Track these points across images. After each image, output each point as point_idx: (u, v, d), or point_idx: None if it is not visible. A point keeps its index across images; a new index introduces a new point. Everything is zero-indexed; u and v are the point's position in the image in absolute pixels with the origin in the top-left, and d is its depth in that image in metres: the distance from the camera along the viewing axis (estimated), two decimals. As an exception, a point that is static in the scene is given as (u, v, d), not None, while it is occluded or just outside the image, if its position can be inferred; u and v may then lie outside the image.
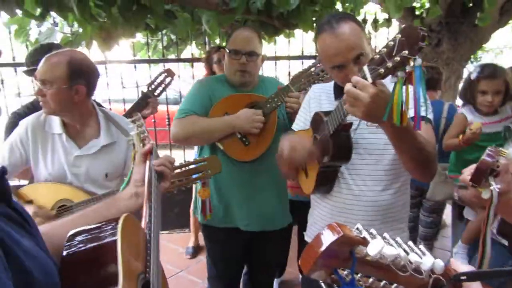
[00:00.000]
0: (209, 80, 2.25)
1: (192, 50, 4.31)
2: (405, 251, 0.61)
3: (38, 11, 2.57)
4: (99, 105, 2.38)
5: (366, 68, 1.16)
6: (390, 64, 1.09)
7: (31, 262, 0.65)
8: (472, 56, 5.91)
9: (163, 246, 4.00)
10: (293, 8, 2.49)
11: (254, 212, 2.17)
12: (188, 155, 3.98)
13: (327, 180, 1.59)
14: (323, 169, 1.53)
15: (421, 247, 0.66)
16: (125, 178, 1.90)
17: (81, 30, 2.96)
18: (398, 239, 0.64)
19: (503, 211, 1.18)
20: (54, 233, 1.00)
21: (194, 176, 1.65)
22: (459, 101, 3.14)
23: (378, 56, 1.13)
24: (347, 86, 1.20)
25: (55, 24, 3.14)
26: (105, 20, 2.88)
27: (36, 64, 1.86)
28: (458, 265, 0.71)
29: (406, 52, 1.04)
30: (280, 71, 4.32)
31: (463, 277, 0.67)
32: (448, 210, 3.49)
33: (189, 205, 3.78)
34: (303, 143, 1.48)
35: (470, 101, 2.74)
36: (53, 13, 2.71)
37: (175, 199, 3.98)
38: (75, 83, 1.80)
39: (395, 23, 4.17)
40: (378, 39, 3.95)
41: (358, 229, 0.61)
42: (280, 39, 3.94)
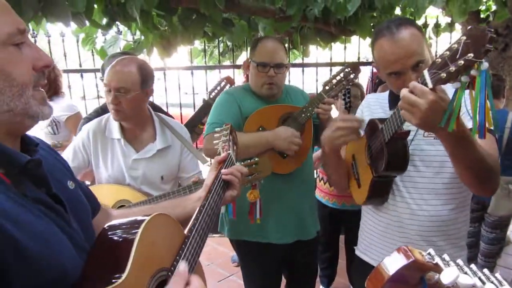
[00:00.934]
0: (237, 90, 2.20)
1: (247, 56, 4.36)
2: (481, 280, 0.58)
3: (104, 21, 2.72)
4: (160, 110, 2.48)
5: (427, 73, 1.11)
6: (453, 68, 1.02)
7: (35, 246, 0.72)
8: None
9: (214, 249, 4.06)
10: (351, 15, 2.45)
11: (288, 224, 2.13)
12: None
13: (381, 191, 1.53)
14: (377, 179, 1.48)
15: (498, 276, 0.62)
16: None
17: (143, 38, 3.09)
18: (473, 267, 0.60)
19: None
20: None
21: (246, 179, 1.62)
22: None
23: (440, 60, 1.07)
24: (403, 91, 1.15)
25: (119, 33, 3.29)
26: (166, 29, 2.98)
27: None
28: None
29: (472, 55, 0.98)
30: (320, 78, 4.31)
31: None
32: (513, 226, 3.28)
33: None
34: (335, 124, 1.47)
35: None
36: (117, 22, 2.85)
37: (227, 203, 4.03)
38: (146, 87, 1.91)
39: (458, 27, 3.99)
40: (440, 45, 3.80)
41: (430, 254, 0.58)
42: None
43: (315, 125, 2.14)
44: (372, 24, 2.91)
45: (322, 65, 4.12)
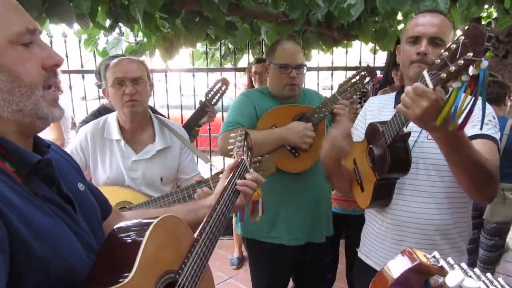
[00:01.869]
0: (253, 93, 2.24)
1: (249, 59, 4.38)
2: (485, 284, 0.59)
3: (108, 23, 2.73)
4: (155, 112, 2.50)
5: (426, 74, 1.12)
6: (453, 68, 1.03)
7: (43, 244, 0.73)
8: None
9: (213, 252, 4.05)
10: (354, 20, 2.45)
11: (299, 226, 2.14)
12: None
13: (384, 194, 1.54)
14: (380, 182, 1.49)
15: (500, 280, 0.63)
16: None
17: (146, 40, 3.09)
18: (477, 270, 0.61)
19: None
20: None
21: None
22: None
23: (439, 61, 1.08)
24: (407, 88, 1.17)
25: (121, 34, 3.30)
26: (168, 31, 2.99)
27: None
28: None
29: (471, 55, 0.99)
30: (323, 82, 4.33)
31: None
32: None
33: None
34: (337, 131, 1.48)
35: None
36: (120, 24, 2.85)
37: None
38: (150, 80, 2.01)
39: (458, 33, 4.00)
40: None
41: (435, 257, 0.58)
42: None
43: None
44: (374, 30, 2.92)
45: (324, 69, 4.14)
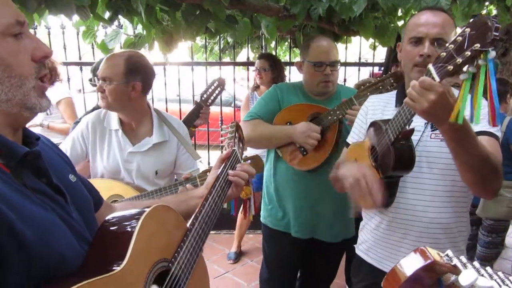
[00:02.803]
0: (284, 86, 2.28)
1: (248, 54, 4.36)
2: (497, 283, 0.59)
3: (107, 15, 2.70)
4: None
5: (432, 67, 1.12)
6: (460, 60, 1.04)
7: (31, 230, 0.73)
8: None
9: (210, 246, 4.06)
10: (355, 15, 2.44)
11: (304, 220, 2.18)
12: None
13: (389, 191, 1.52)
14: (384, 180, 1.48)
15: None
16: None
17: (145, 33, 3.06)
18: (489, 269, 0.61)
19: None
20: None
21: None
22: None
23: (445, 54, 1.09)
24: (413, 82, 1.17)
25: (120, 26, 3.27)
26: (168, 24, 2.97)
27: None
28: None
29: (478, 46, 1.00)
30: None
31: None
32: (510, 231, 3.30)
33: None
34: (368, 178, 1.37)
35: None
36: (119, 16, 2.82)
37: (224, 200, 4.04)
38: (132, 80, 1.92)
39: (459, 31, 4.00)
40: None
41: (448, 256, 0.59)
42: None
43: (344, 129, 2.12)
44: (375, 25, 2.91)
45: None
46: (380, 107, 1.67)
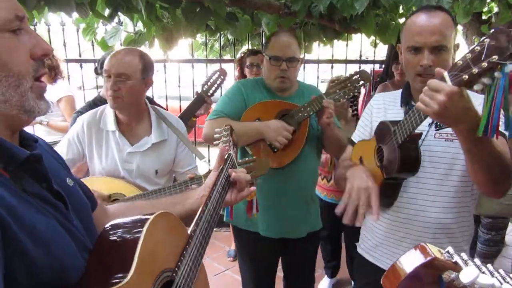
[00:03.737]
0: (247, 82, 2.23)
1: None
2: (498, 280, 0.58)
3: (107, 12, 2.70)
4: (152, 103, 2.48)
5: (447, 74, 1.11)
6: (476, 70, 1.02)
7: (33, 241, 0.69)
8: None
9: (210, 243, 4.04)
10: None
11: (274, 220, 2.14)
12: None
13: (391, 193, 1.53)
14: (387, 181, 1.48)
15: (512, 276, 0.62)
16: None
17: (145, 30, 3.06)
18: (490, 266, 0.60)
19: None
20: (122, 215, 1.07)
21: None
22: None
23: (461, 62, 1.07)
24: (425, 87, 1.15)
25: (120, 23, 3.26)
26: (168, 21, 2.96)
27: None
28: None
29: (496, 58, 0.98)
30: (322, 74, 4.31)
31: None
32: (510, 229, 3.30)
33: (238, 204, 3.82)
34: (373, 195, 1.36)
35: None
36: (119, 13, 2.82)
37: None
38: (146, 76, 1.93)
39: (459, 28, 3.99)
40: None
41: (449, 253, 0.58)
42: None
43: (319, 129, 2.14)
44: (376, 23, 2.90)
45: (323, 62, 4.13)
46: (384, 106, 1.66)
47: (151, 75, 1.99)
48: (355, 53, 4.28)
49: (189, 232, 0.99)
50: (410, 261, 0.59)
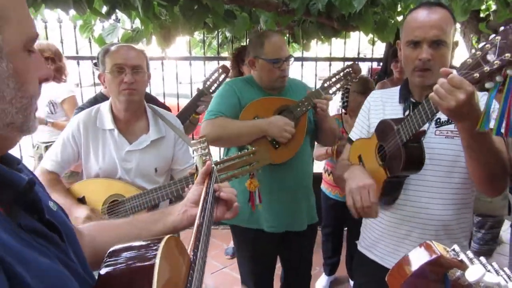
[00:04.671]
0: (238, 82, 2.24)
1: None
2: (504, 279, 0.58)
3: (105, 9, 2.68)
4: (152, 99, 2.47)
5: (456, 73, 1.11)
6: (488, 68, 1.02)
7: (39, 282, 0.60)
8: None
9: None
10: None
11: (279, 214, 2.18)
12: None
13: (393, 190, 1.53)
14: (390, 179, 1.47)
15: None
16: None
17: (143, 27, 3.05)
18: (495, 264, 0.60)
19: None
20: (98, 236, 1.03)
21: (244, 169, 1.64)
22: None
23: (471, 60, 1.07)
24: (441, 79, 1.14)
25: (117, 21, 3.24)
26: (166, 18, 2.95)
27: None
28: None
29: (509, 55, 0.98)
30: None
31: None
32: (506, 227, 3.31)
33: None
34: (371, 193, 1.38)
35: None
36: (116, 11, 2.81)
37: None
38: (148, 70, 1.97)
39: (457, 26, 3.99)
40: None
41: (455, 251, 0.58)
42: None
43: (314, 121, 2.19)
44: (374, 21, 2.90)
45: (321, 60, 4.13)
46: (381, 103, 1.65)
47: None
48: (353, 51, 4.29)
49: (191, 256, 0.88)
50: (416, 259, 0.58)
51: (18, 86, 0.66)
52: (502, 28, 1.02)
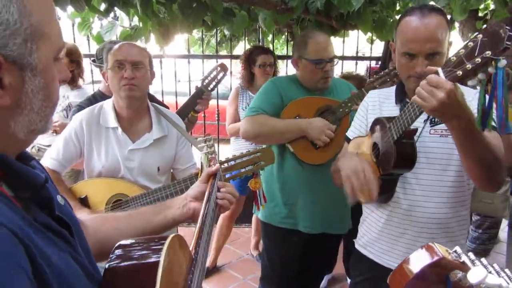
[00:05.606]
0: (282, 80, 2.27)
1: (245, 47, 4.33)
2: (506, 281, 0.58)
3: (103, 7, 2.67)
4: (153, 99, 2.46)
5: (441, 71, 1.12)
6: (470, 66, 1.04)
7: (54, 276, 0.62)
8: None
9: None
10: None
11: (316, 215, 2.17)
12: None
13: (387, 189, 1.53)
14: (383, 177, 1.48)
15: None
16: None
17: (141, 25, 3.03)
18: (496, 266, 0.61)
19: None
20: (101, 227, 1.05)
21: (248, 168, 1.65)
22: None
23: (455, 58, 1.08)
24: (423, 81, 1.16)
25: (116, 18, 3.22)
26: (165, 16, 2.94)
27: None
28: None
29: (489, 53, 1.00)
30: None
31: None
32: (504, 225, 3.32)
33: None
34: (367, 172, 1.37)
35: None
36: (115, 8, 2.79)
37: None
38: (151, 68, 1.96)
39: (456, 25, 4.00)
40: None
41: (457, 252, 0.58)
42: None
43: None
44: (373, 19, 2.90)
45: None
46: (379, 103, 1.66)
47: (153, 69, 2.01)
48: (352, 50, 4.29)
49: (192, 255, 0.90)
50: (418, 261, 0.58)
51: (45, 97, 0.67)
52: (484, 26, 1.03)
